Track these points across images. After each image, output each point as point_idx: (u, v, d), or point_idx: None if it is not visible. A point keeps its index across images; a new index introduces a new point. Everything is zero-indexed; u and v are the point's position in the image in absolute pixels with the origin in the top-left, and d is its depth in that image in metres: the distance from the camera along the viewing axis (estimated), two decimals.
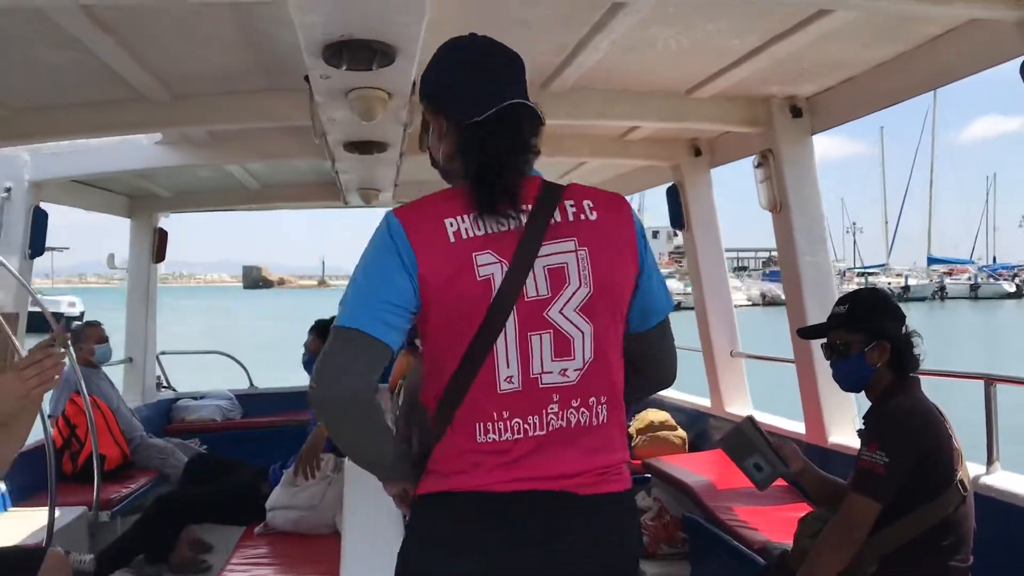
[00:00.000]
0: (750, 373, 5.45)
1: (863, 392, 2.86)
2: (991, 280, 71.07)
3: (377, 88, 3.05)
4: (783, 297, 4.35)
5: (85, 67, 3.32)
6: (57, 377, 2.48)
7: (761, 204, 4.19)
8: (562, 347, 1.73)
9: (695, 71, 3.75)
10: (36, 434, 5.09)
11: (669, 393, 6.20)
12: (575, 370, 1.74)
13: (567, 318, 1.73)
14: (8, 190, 4.89)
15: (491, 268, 1.70)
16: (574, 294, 1.73)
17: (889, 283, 64.81)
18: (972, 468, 2.88)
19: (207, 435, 6.56)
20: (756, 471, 2.77)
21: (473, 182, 1.75)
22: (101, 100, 3.84)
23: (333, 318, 1.79)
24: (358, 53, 2.63)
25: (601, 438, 1.77)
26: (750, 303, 57.33)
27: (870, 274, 71.70)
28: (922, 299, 61.07)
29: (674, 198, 5.30)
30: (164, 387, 7.52)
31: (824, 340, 2.90)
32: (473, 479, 1.72)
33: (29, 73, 3.44)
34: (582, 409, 1.75)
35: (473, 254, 1.70)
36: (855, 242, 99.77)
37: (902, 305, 2.97)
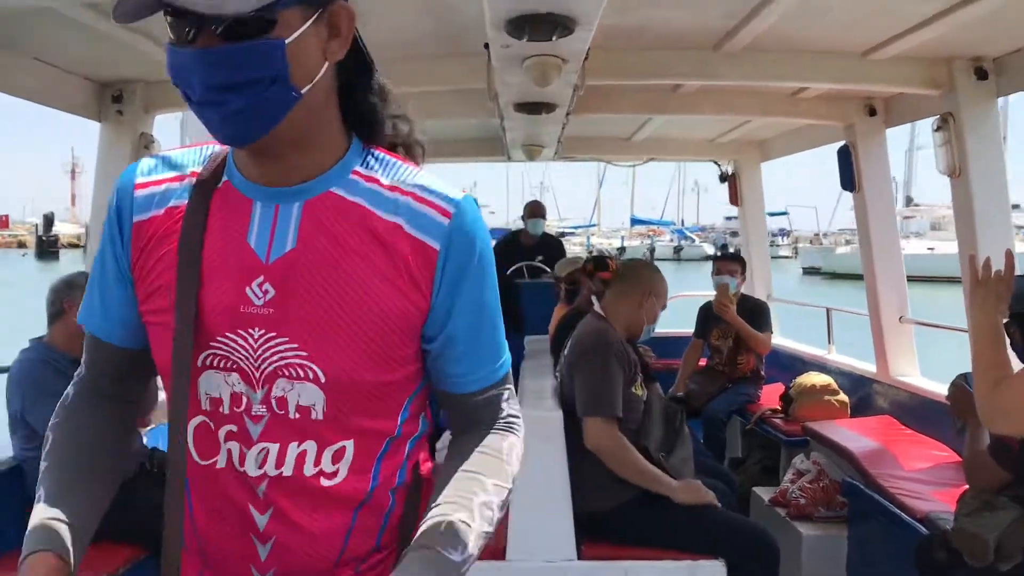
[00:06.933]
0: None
1: None
2: (690, 242, 71.72)
3: (553, 56, 3.15)
4: None
5: None
6: None
7: (939, 169, 4.03)
8: None
9: (872, 34, 3.63)
10: None
11: (833, 356, 6.10)
12: None
13: None
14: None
15: None
16: None
17: (602, 244, 62.23)
18: None
19: None
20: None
21: None
22: None
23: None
24: (540, 25, 2.73)
25: None
26: None
27: (573, 235, 66.97)
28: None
29: (845, 159, 5.13)
30: None
31: None
32: None
33: None
34: None
35: None
36: (555, 201, 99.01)
37: None
